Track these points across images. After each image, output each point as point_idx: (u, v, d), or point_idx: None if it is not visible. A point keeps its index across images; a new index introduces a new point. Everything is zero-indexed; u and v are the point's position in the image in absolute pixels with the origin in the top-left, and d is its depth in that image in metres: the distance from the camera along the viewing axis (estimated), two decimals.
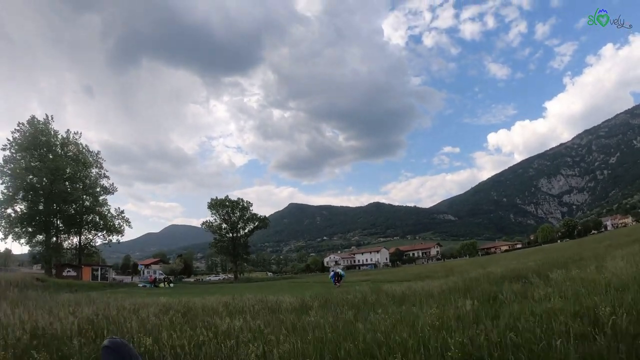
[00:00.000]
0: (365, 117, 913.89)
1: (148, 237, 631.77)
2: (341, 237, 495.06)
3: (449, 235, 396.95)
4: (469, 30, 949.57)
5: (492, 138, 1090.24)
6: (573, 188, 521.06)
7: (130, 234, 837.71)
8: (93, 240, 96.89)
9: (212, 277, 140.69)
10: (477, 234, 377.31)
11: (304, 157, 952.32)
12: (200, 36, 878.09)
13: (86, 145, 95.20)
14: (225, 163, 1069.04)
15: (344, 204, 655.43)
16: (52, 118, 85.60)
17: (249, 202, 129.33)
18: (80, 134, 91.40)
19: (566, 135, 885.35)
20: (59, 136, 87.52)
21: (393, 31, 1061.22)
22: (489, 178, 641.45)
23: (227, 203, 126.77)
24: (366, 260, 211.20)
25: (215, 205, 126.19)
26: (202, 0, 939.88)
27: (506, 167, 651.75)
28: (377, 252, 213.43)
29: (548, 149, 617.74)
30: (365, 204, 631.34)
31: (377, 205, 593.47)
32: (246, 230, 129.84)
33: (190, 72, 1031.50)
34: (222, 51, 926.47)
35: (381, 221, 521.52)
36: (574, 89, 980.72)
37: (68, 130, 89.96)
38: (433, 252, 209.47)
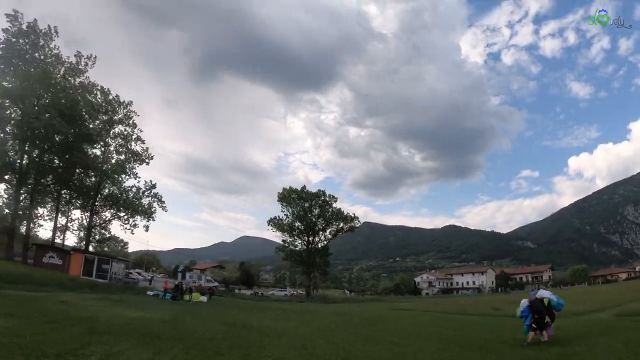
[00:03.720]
0: (442, 137, 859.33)
1: (220, 245, 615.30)
2: (414, 259, 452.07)
3: (527, 264, 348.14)
4: (549, 46, 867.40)
5: (573, 162, 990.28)
6: None
7: (203, 242, 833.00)
8: (109, 222, 65.02)
9: (276, 292, 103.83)
10: (559, 263, 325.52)
11: (379, 177, 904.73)
12: (279, 53, 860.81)
13: (117, 96, 64.82)
14: (301, 179, 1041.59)
15: (418, 226, 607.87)
16: (55, 31, 53.98)
17: (333, 196, 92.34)
18: (95, 58, 58.33)
19: None
20: (65, 61, 55.88)
21: (471, 48, 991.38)
22: (571, 204, 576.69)
23: (303, 195, 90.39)
24: (467, 282, 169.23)
25: (288, 197, 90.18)
26: (281, 18, 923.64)
27: (588, 193, 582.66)
28: (482, 273, 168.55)
29: (635, 173, 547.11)
30: (440, 226, 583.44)
31: (453, 228, 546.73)
32: (327, 233, 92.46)
33: (269, 88, 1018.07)
34: (300, 68, 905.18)
35: (456, 245, 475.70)
36: None
37: (78, 52, 57.36)
38: (545, 277, 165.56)
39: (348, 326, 27.75)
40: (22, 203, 52.18)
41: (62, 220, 64.56)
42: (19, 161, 50.09)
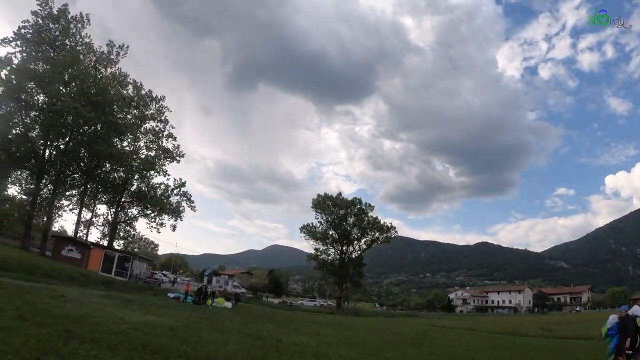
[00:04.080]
0: (477, 152, 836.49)
1: (250, 253, 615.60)
2: (445, 275, 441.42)
3: (560, 285, 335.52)
4: (587, 60, 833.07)
5: (610, 180, 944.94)
6: None
7: (233, 249, 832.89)
8: (135, 219, 62.20)
9: (305, 302, 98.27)
10: (592, 284, 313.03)
11: (412, 191, 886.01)
12: (315, 64, 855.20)
13: (149, 90, 62.22)
14: (333, 190, 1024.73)
15: (450, 242, 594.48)
16: (87, 18, 51.58)
17: (370, 205, 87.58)
18: (127, 48, 55.57)
19: None
20: (97, 50, 53.66)
21: (507, 62, 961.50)
22: (606, 224, 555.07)
23: (339, 202, 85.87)
24: (502, 301, 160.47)
25: (322, 203, 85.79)
26: (318, 30, 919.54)
27: (625, 213, 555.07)
28: (519, 292, 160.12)
29: None
30: (472, 243, 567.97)
31: (485, 246, 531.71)
32: (362, 242, 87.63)
33: (304, 99, 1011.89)
34: (336, 80, 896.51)
35: (488, 263, 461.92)
36: None
37: (110, 42, 54.96)
38: (584, 298, 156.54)
39: (394, 346, 23.14)
40: (42, 192, 49.50)
41: (87, 215, 61.96)
42: (42, 148, 47.27)
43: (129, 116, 59.06)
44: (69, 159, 49.81)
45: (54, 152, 48.88)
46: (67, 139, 48.68)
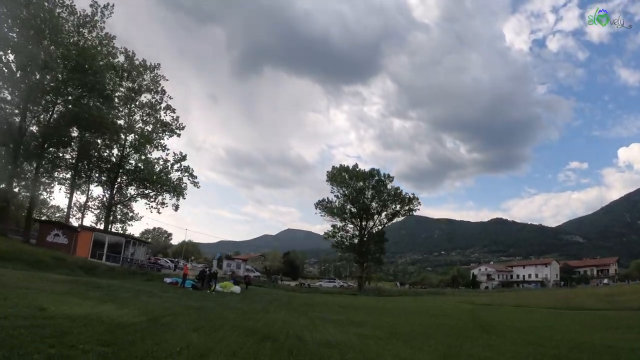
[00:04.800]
0: (488, 128, 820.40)
1: (265, 238, 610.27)
2: (460, 253, 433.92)
3: (576, 259, 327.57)
4: (596, 31, 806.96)
5: (623, 153, 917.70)
6: None
7: (247, 234, 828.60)
8: (132, 199, 55.84)
9: (324, 283, 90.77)
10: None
11: (424, 169, 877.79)
12: (320, 46, 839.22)
13: (143, 60, 55.52)
14: None
15: (464, 219, 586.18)
16: None
17: (389, 176, 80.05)
18: (113, 7, 48.14)
19: None
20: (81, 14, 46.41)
21: (515, 36, 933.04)
22: (621, 197, 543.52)
23: (355, 173, 78.50)
24: (529, 275, 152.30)
25: (338, 176, 78.50)
26: (321, 12, 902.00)
27: (639, 186, 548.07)
28: (545, 265, 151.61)
29: None
30: (486, 219, 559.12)
31: (499, 222, 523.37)
32: (382, 216, 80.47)
33: (312, 81, 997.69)
34: (342, 60, 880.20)
35: (503, 239, 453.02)
36: None
37: (95, 2, 47.73)
38: (611, 270, 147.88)
39: (464, 336, 16.13)
40: (27, 173, 42.87)
41: (82, 199, 55.45)
42: (18, 118, 40.39)
43: (121, 89, 52.49)
44: (50, 131, 42.77)
45: (33, 123, 42.14)
46: (48, 108, 41.90)
